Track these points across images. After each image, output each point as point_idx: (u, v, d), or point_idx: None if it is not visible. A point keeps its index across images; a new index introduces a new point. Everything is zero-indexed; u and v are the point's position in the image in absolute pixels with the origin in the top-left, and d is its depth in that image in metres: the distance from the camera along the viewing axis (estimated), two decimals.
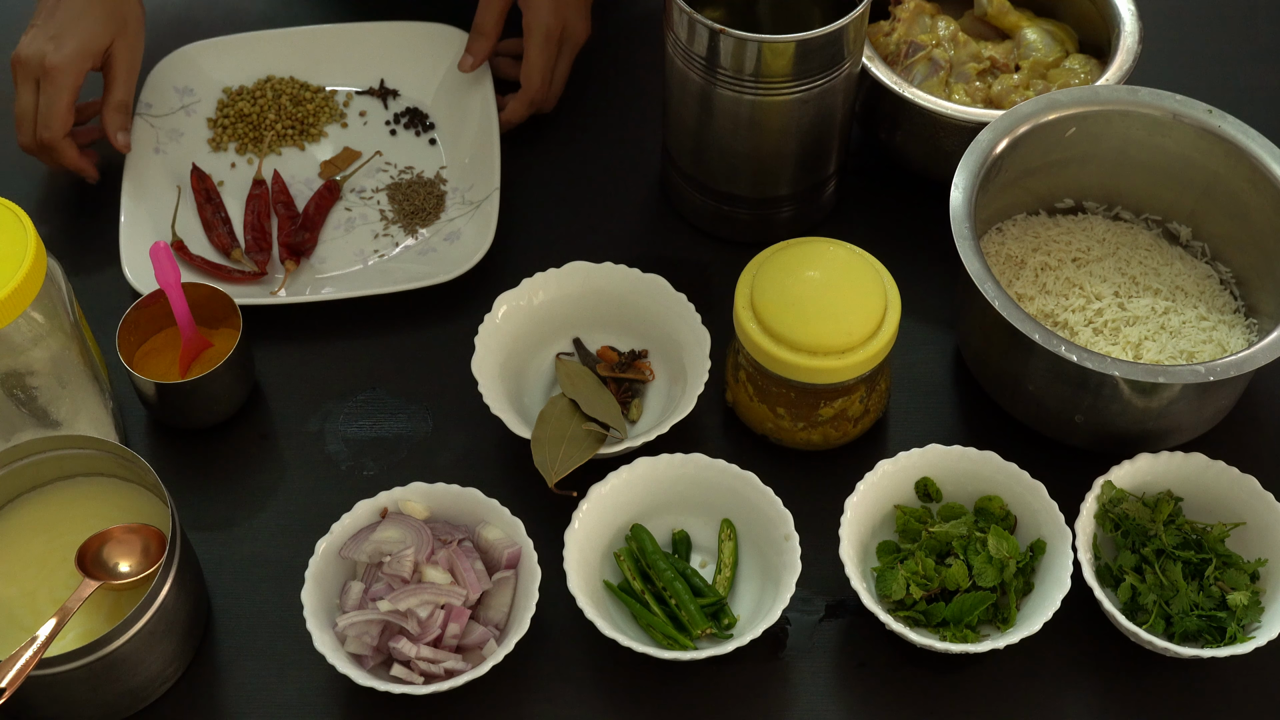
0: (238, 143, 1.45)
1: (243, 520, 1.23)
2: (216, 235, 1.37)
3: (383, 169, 1.43)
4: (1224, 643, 1.11)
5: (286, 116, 1.46)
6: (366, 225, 1.39)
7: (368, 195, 1.41)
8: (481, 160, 1.40)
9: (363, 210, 1.40)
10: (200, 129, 1.46)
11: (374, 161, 1.44)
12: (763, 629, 1.10)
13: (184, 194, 1.40)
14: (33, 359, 1.12)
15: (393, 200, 1.40)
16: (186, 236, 1.37)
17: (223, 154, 1.44)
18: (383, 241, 1.38)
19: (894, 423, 1.28)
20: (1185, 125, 1.27)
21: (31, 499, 1.16)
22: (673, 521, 1.20)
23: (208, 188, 1.40)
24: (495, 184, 1.37)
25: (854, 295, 1.18)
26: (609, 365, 1.27)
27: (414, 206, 1.39)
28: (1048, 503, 1.16)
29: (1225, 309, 1.27)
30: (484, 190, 1.38)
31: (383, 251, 1.37)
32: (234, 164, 1.44)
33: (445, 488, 1.16)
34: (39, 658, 1.03)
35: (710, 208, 1.36)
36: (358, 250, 1.37)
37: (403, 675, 1.10)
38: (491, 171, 1.38)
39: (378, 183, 1.42)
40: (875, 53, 1.36)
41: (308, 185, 1.42)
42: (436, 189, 1.41)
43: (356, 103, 1.48)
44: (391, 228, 1.39)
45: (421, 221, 1.38)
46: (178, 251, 1.35)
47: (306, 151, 1.45)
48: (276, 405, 1.29)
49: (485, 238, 1.34)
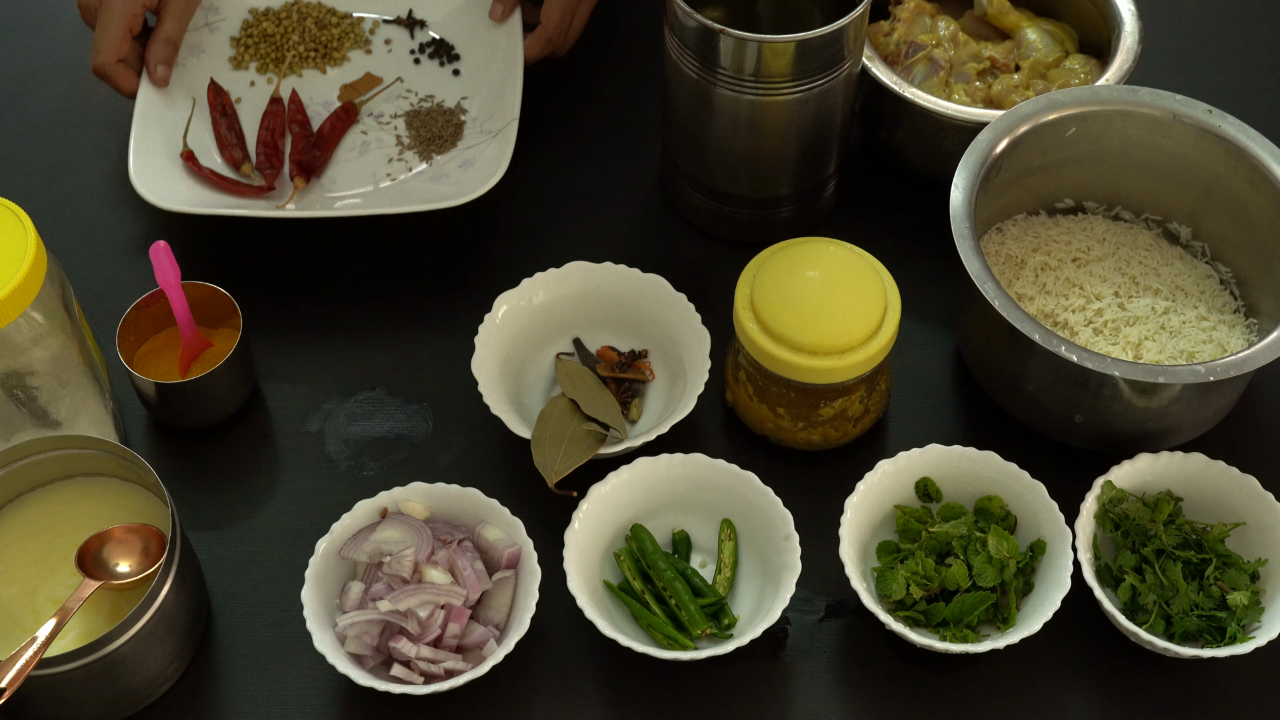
0: (259, 62, 1.45)
1: (243, 520, 1.23)
2: (228, 150, 1.38)
3: (403, 96, 1.44)
4: (1224, 643, 1.11)
5: (310, 39, 1.46)
6: (381, 149, 1.40)
7: (385, 120, 1.42)
8: (503, 91, 1.40)
9: (379, 135, 1.41)
10: (222, 46, 1.46)
11: (394, 88, 1.44)
12: (763, 629, 1.10)
13: (199, 109, 1.41)
14: (33, 359, 1.12)
15: (410, 127, 1.41)
16: (198, 150, 1.38)
17: (243, 72, 1.45)
18: (396, 166, 1.38)
19: (894, 423, 1.28)
20: (1185, 125, 1.27)
21: (31, 499, 1.16)
22: (673, 521, 1.20)
23: (224, 103, 1.41)
24: (515, 114, 1.36)
25: (854, 295, 1.18)
26: (609, 365, 1.27)
27: (431, 133, 1.39)
28: (1048, 503, 1.16)
29: (1225, 309, 1.27)
30: (503, 119, 1.37)
31: (395, 175, 1.37)
32: (253, 82, 1.44)
33: (445, 488, 1.16)
34: (39, 658, 1.03)
35: (710, 208, 1.36)
36: (370, 173, 1.38)
37: (403, 675, 1.10)
38: (512, 101, 1.37)
39: (396, 109, 1.42)
40: (875, 53, 1.36)
41: (325, 108, 1.43)
42: (455, 118, 1.41)
43: (382, 31, 1.48)
44: (407, 153, 1.39)
45: (438, 148, 1.39)
46: (187, 162, 1.36)
47: (328, 75, 1.45)
48: (276, 405, 1.29)
49: (500, 164, 1.33)
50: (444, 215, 1.39)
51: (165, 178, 1.34)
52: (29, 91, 1.51)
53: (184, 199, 1.33)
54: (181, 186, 1.35)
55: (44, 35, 1.56)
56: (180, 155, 1.37)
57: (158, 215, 1.40)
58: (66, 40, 1.55)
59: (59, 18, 1.58)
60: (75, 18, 1.57)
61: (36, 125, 1.49)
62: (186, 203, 1.32)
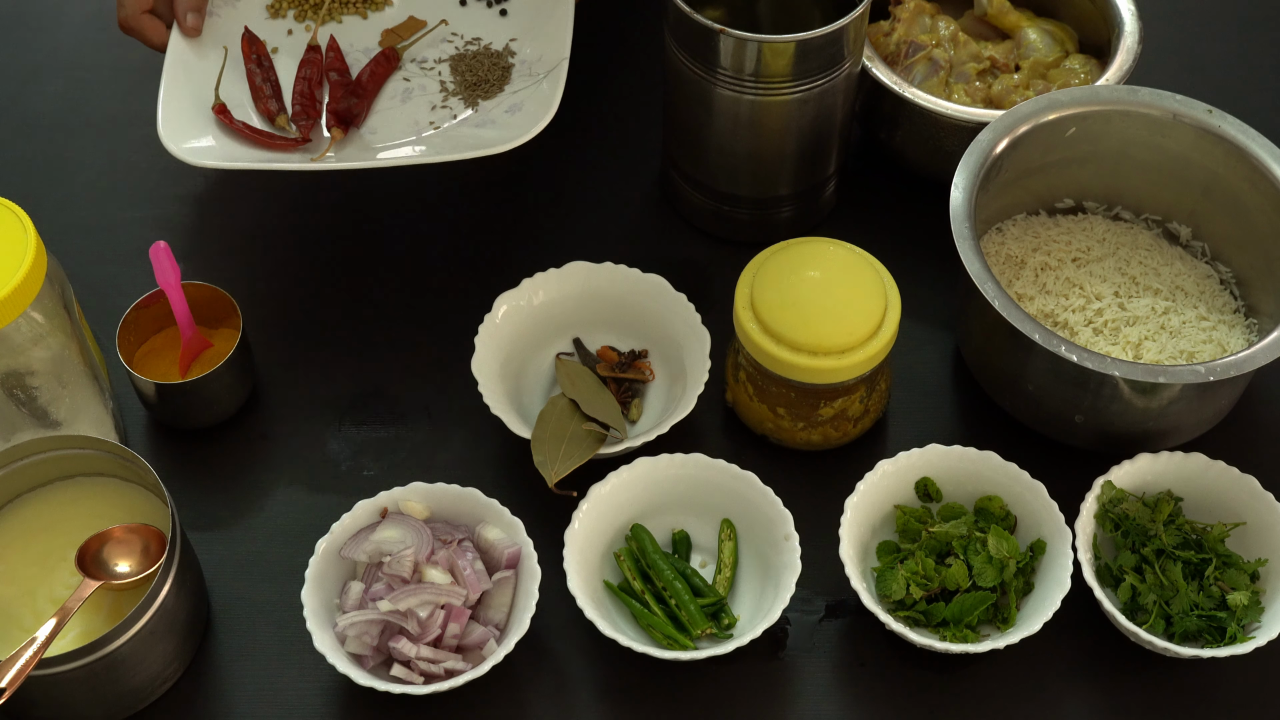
0: (296, 10, 1.39)
1: (243, 520, 1.23)
2: (263, 102, 1.32)
3: (448, 39, 1.38)
4: (1224, 643, 1.11)
5: None
6: (424, 96, 1.34)
7: (429, 66, 1.36)
8: (553, 29, 1.33)
9: (422, 81, 1.35)
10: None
11: (439, 32, 1.38)
12: (763, 629, 1.10)
13: (231, 58, 1.35)
14: (33, 359, 1.12)
15: (455, 72, 1.35)
16: (231, 104, 1.32)
17: (280, 21, 1.39)
18: (440, 114, 1.32)
19: (894, 423, 1.28)
20: (1185, 125, 1.27)
21: (31, 499, 1.16)
22: (673, 521, 1.20)
23: (259, 53, 1.35)
24: (564, 53, 1.30)
25: (854, 295, 1.18)
26: (609, 365, 1.27)
27: (477, 78, 1.33)
28: (1048, 503, 1.16)
29: (1225, 309, 1.27)
30: (551, 60, 1.31)
31: (439, 123, 1.32)
32: (290, 31, 1.38)
33: (445, 488, 1.16)
34: (39, 658, 1.03)
35: (710, 208, 1.36)
36: (412, 121, 1.32)
37: (403, 675, 1.10)
38: (562, 41, 1.31)
39: (441, 53, 1.37)
40: (875, 53, 1.36)
41: (366, 55, 1.37)
42: (503, 60, 1.35)
43: None
44: (451, 99, 1.33)
45: (484, 94, 1.33)
46: (219, 115, 1.30)
47: (369, 20, 1.39)
48: (276, 405, 1.29)
49: (548, 108, 1.27)
50: (453, 197, 1.37)
51: (195, 132, 1.28)
52: (29, 91, 1.51)
53: (216, 153, 1.28)
54: (213, 140, 1.29)
55: (44, 35, 1.56)
56: (212, 108, 1.31)
57: (157, 215, 1.40)
58: (66, 40, 1.55)
59: (59, 18, 1.58)
60: (75, 18, 1.57)
61: (36, 125, 1.49)
62: (218, 157, 1.27)
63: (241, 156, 1.28)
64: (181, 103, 1.29)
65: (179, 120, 1.28)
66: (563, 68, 1.30)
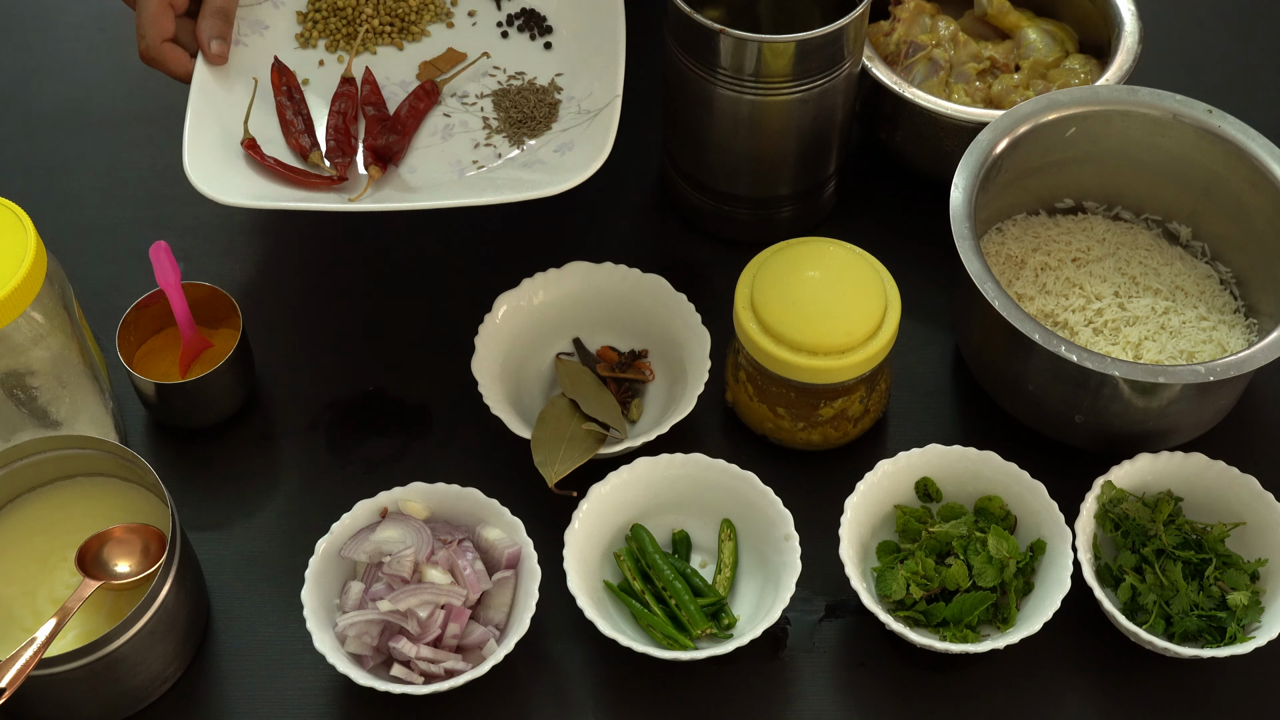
0: (328, 39, 1.32)
1: (243, 520, 1.23)
2: (294, 137, 1.26)
3: (490, 73, 1.31)
4: (1224, 643, 1.11)
5: (385, 12, 1.33)
6: (467, 133, 1.27)
7: (470, 101, 1.29)
8: (603, 65, 1.27)
9: (463, 117, 1.28)
10: (288, 22, 1.33)
11: (481, 65, 1.31)
12: (763, 629, 1.10)
13: (260, 90, 1.29)
14: (33, 359, 1.12)
15: (498, 107, 1.28)
16: (260, 138, 1.26)
17: (310, 51, 1.32)
18: (484, 152, 1.26)
19: (894, 423, 1.28)
20: (1185, 125, 1.27)
21: (31, 499, 1.16)
22: (673, 521, 1.20)
23: (289, 84, 1.28)
24: (617, 90, 1.24)
25: (854, 295, 1.18)
26: (609, 365, 1.27)
27: (522, 115, 1.27)
28: (1048, 503, 1.16)
29: (1225, 309, 1.27)
30: (603, 97, 1.25)
31: (482, 162, 1.25)
32: (322, 61, 1.32)
33: (445, 488, 1.16)
34: (39, 658, 1.03)
35: (710, 208, 1.36)
36: (454, 160, 1.25)
37: (403, 675, 1.10)
38: (614, 77, 1.25)
39: (483, 88, 1.30)
40: (875, 53, 1.36)
41: (403, 88, 1.30)
42: (550, 96, 1.29)
43: (465, 1, 1.36)
44: (495, 137, 1.27)
45: (530, 131, 1.26)
46: (249, 150, 1.24)
47: (405, 51, 1.32)
48: (276, 405, 1.29)
49: (602, 149, 1.20)
50: (463, 210, 1.37)
51: (224, 169, 1.22)
52: (29, 91, 1.51)
53: (248, 192, 1.21)
54: (242, 178, 1.23)
55: (44, 35, 1.56)
56: (241, 143, 1.25)
57: (157, 215, 1.40)
58: (66, 40, 1.55)
59: (59, 18, 1.58)
60: (75, 18, 1.57)
61: (36, 125, 1.49)
62: (251, 196, 1.21)
63: (276, 195, 1.23)
64: (208, 138, 1.23)
65: (206, 156, 1.22)
66: (615, 105, 1.24)
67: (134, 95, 1.50)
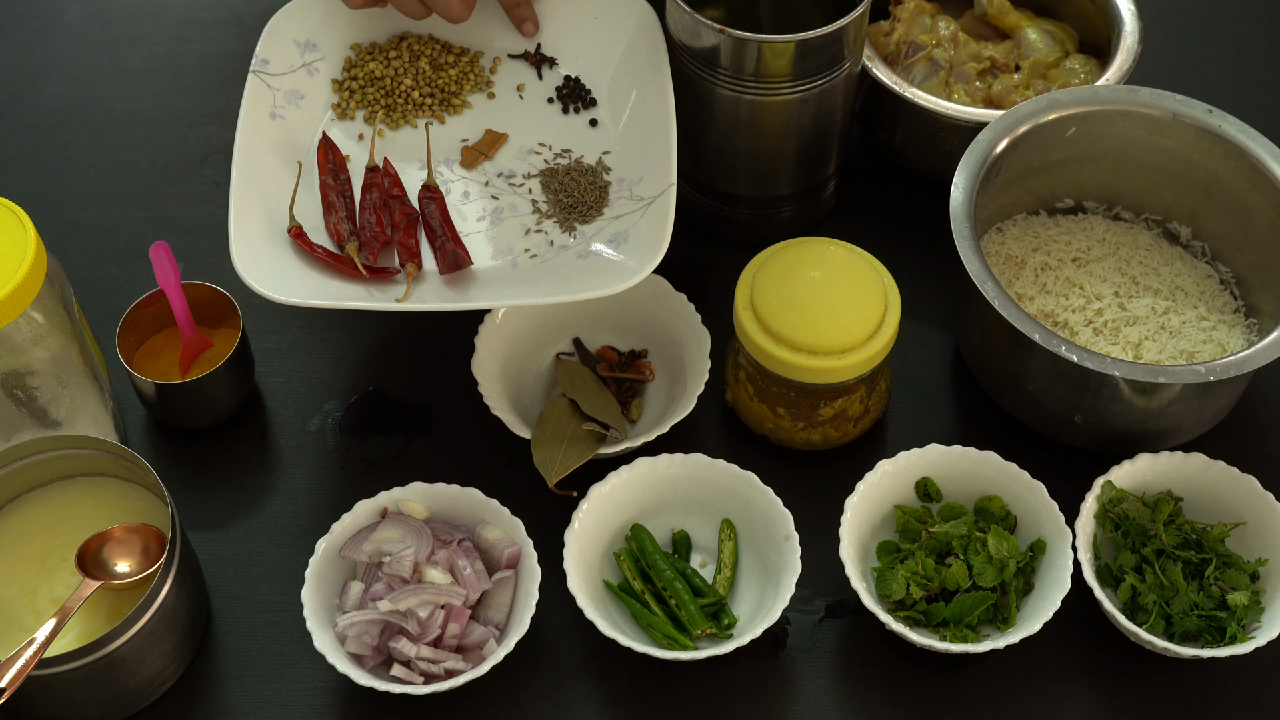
0: (366, 110, 1.27)
1: (243, 520, 1.23)
2: (334, 224, 1.19)
3: (535, 151, 1.26)
4: (1224, 643, 1.12)
5: (425, 83, 1.27)
6: (516, 218, 1.22)
7: (518, 182, 1.24)
8: (653, 147, 1.21)
9: (511, 200, 1.22)
10: (324, 91, 1.27)
11: (526, 142, 1.26)
12: (763, 629, 1.10)
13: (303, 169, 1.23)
14: (33, 359, 1.12)
15: (546, 189, 1.23)
16: (306, 221, 1.19)
17: (348, 123, 1.27)
18: (535, 239, 1.20)
19: (894, 423, 1.28)
20: (1185, 125, 1.27)
21: (31, 499, 1.16)
22: (673, 521, 1.20)
23: (335, 163, 1.22)
24: (671, 178, 1.18)
25: (854, 295, 1.18)
26: (609, 365, 1.27)
27: (573, 199, 1.21)
28: (1048, 503, 1.16)
29: (1225, 309, 1.27)
30: (656, 185, 1.20)
31: (534, 250, 1.20)
32: (361, 135, 1.26)
33: (445, 488, 1.16)
34: (39, 658, 1.03)
35: (710, 208, 1.36)
36: (506, 248, 1.20)
37: (403, 675, 1.10)
38: (666, 162, 1.19)
39: (529, 167, 1.24)
40: (875, 53, 1.36)
41: (447, 165, 1.24)
42: (599, 178, 1.23)
43: (506, 70, 1.31)
44: (545, 222, 1.21)
45: (581, 217, 1.21)
46: (296, 239, 1.18)
47: (446, 125, 1.26)
48: (276, 405, 1.29)
49: (660, 242, 1.15)
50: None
51: (272, 261, 1.16)
52: (29, 91, 1.51)
53: (302, 290, 1.14)
54: (291, 270, 1.16)
55: (44, 35, 1.56)
56: (288, 231, 1.18)
57: (157, 215, 1.40)
58: (66, 40, 1.55)
59: (59, 18, 1.58)
60: (75, 18, 1.57)
61: (36, 125, 1.49)
62: (305, 294, 1.14)
63: (328, 291, 1.16)
64: (253, 225, 1.17)
65: (253, 248, 1.15)
66: (670, 194, 1.18)
67: (134, 95, 1.50)
